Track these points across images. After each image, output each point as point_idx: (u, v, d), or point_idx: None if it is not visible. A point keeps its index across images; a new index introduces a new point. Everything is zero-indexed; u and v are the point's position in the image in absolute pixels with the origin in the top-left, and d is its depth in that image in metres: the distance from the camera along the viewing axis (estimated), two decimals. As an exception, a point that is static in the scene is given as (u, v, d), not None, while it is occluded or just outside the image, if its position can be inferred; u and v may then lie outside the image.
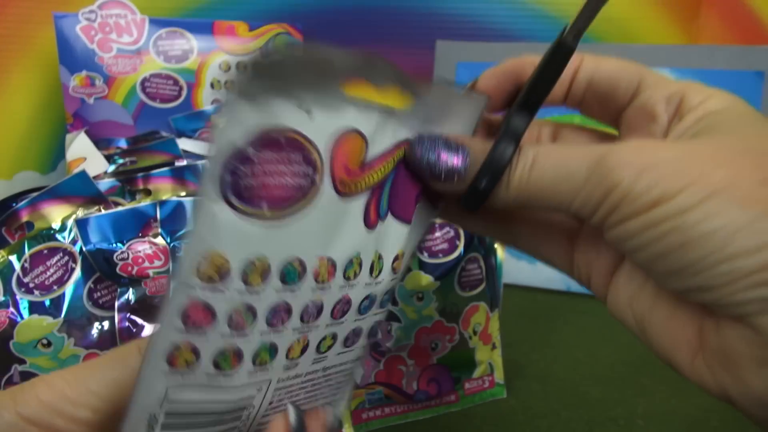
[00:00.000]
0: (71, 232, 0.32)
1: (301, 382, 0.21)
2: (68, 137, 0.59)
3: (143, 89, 0.68)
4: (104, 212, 0.31)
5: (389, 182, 0.21)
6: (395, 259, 0.22)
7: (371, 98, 0.19)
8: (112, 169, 0.48)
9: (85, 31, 0.65)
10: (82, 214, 0.33)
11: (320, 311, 0.20)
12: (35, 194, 0.33)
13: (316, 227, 0.18)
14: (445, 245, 0.38)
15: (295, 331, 0.20)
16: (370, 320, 0.23)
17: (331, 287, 0.20)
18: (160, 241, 0.31)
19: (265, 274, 0.18)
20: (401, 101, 0.20)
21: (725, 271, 0.16)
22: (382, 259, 0.22)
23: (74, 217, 0.32)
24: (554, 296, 0.58)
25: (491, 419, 0.39)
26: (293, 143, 0.17)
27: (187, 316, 0.17)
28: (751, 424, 0.19)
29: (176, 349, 0.18)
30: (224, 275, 0.17)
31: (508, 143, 0.20)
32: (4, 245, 0.32)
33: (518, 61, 0.23)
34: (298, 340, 0.20)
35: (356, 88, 0.18)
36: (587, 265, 0.23)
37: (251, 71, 0.16)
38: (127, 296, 0.31)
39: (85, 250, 0.30)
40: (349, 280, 0.20)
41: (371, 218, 0.20)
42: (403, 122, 0.20)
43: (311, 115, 0.17)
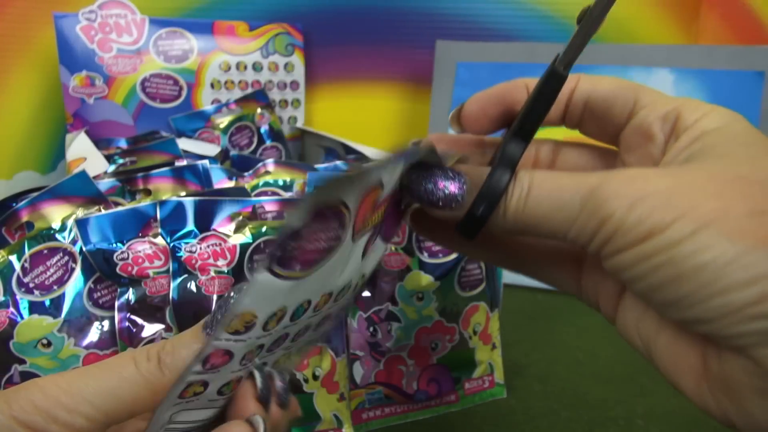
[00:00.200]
0: (71, 232, 0.32)
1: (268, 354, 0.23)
2: (68, 137, 0.59)
3: (143, 89, 0.68)
4: (104, 212, 0.31)
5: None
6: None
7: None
8: (112, 169, 0.48)
9: (85, 31, 0.65)
10: (82, 214, 0.32)
11: (308, 328, 0.21)
12: (35, 194, 0.32)
13: (329, 271, 0.19)
14: (445, 245, 0.38)
15: (285, 348, 0.22)
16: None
17: (322, 311, 0.21)
18: (160, 241, 0.31)
19: (281, 318, 0.19)
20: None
21: (719, 304, 0.16)
22: (365, 276, 0.23)
23: (74, 217, 0.32)
24: (554, 296, 0.58)
25: (491, 419, 0.39)
26: (337, 213, 0.17)
27: (207, 360, 0.18)
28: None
29: (189, 385, 0.19)
30: (250, 327, 0.18)
31: (504, 170, 0.20)
32: (4, 245, 0.32)
33: (507, 85, 0.23)
34: (285, 351, 0.22)
35: None
36: (594, 288, 0.23)
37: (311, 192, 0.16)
38: (127, 296, 0.31)
39: (85, 250, 0.30)
40: (337, 301, 0.21)
41: (368, 249, 0.21)
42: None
43: None
